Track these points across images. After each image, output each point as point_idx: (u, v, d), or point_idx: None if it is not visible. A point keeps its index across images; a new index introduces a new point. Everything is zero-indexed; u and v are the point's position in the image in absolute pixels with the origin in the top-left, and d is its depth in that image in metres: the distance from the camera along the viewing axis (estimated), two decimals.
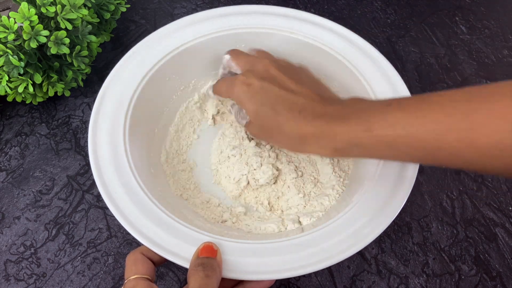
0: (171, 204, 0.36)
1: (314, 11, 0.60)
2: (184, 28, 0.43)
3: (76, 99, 0.51)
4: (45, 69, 0.46)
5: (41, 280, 0.39)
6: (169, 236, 0.31)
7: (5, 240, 0.41)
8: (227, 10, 0.44)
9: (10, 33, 0.41)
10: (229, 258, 0.30)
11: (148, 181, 0.35)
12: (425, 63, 0.55)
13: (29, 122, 0.49)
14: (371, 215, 0.32)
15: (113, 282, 0.39)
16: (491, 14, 0.61)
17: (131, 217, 0.31)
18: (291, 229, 0.36)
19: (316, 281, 0.40)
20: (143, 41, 0.42)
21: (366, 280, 0.40)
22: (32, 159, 0.46)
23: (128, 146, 0.36)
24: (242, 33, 0.43)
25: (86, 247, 0.41)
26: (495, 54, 0.56)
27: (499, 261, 0.41)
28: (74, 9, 0.43)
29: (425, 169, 0.46)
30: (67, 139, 0.48)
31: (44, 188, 0.44)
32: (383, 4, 0.61)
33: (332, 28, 0.43)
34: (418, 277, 0.40)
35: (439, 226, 0.43)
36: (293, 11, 0.44)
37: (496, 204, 0.44)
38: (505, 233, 0.43)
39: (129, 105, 0.38)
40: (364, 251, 0.41)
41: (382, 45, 0.57)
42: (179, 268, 0.40)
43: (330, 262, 0.30)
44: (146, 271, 0.29)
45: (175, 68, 0.42)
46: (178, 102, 0.44)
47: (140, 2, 0.60)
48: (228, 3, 0.61)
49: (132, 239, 0.41)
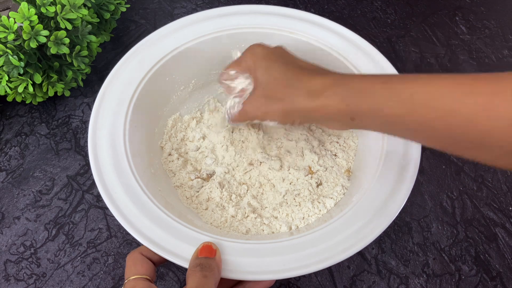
0: (171, 204, 0.36)
1: (314, 11, 0.60)
2: (184, 28, 0.43)
3: (76, 99, 0.51)
4: (45, 69, 0.46)
5: (41, 280, 0.39)
6: (169, 236, 0.31)
7: (5, 240, 0.41)
8: (227, 10, 0.44)
9: (10, 33, 0.41)
10: (229, 258, 0.30)
11: (148, 181, 0.35)
12: (425, 63, 0.55)
13: (29, 122, 0.49)
14: (371, 215, 0.32)
15: (113, 282, 0.39)
16: (491, 14, 0.61)
17: (131, 217, 0.31)
18: (291, 229, 0.36)
19: (316, 281, 0.40)
20: (143, 41, 0.42)
21: (366, 280, 0.40)
22: (32, 159, 0.46)
23: (128, 146, 0.36)
24: (242, 33, 0.43)
25: (86, 247, 0.41)
26: (495, 54, 0.56)
27: (499, 261, 0.41)
28: (74, 9, 0.43)
29: (425, 169, 0.46)
30: (67, 139, 0.48)
31: (44, 188, 0.44)
32: (383, 4, 0.61)
33: (332, 28, 0.43)
34: (418, 277, 0.40)
35: (439, 226, 0.43)
36: (293, 11, 0.44)
37: (496, 204, 0.44)
38: (505, 233, 0.43)
39: (129, 105, 0.38)
40: (364, 251, 0.41)
41: (382, 45, 0.57)
42: (179, 268, 0.40)
43: (330, 262, 0.30)
44: (146, 271, 0.29)
45: (175, 68, 0.42)
46: (178, 102, 0.44)
47: (140, 2, 0.60)
48: (228, 3, 0.61)
49: (132, 239, 0.41)
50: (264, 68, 0.33)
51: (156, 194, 0.35)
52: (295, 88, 0.31)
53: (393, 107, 0.26)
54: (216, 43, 0.43)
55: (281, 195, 0.39)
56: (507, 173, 0.46)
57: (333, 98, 0.29)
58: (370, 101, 0.27)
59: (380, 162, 0.36)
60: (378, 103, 0.27)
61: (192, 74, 0.44)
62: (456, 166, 0.47)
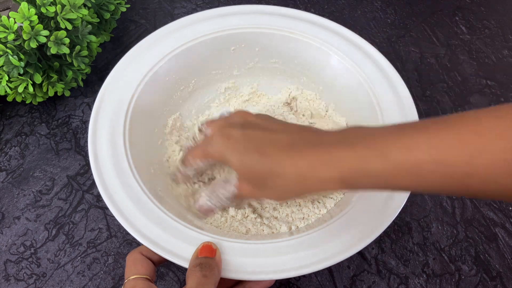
0: (171, 204, 0.36)
1: (314, 11, 0.60)
2: (184, 28, 0.43)
3: (76, 99, 0.51)
4: (45, 69, 0.46)
5: (41, 280, 0.39)
6: (169, 236, 0.31)
7: (5, 240, 0.41)
8: (227, 10, 0.44)
9: (10, 33, 0.41)
10: (229, 258, 0.30)
11: (148, 181, 0.35)
12: (425, 63, 0.55)
13: (29, 122, 0.49)
14: (371, 215, 0.32)
15: (113, 282, 0.39)
16: (491, 14, 0.61)
17: (131, 217, 0.31)
18: (291, 229, 0.36)
19: (316, 281, 0.40)
20: (143, 41, 0.42)
21: (366, 280, 0.40)
22: (32, 159, 0.46)
23: (128, 146, 0.36)
24: (242, 33, 0.43)
25: (86, 247, 0.41)
26: (495, 54, 0.56)
27: (499, 261, 0.41)
28: (74, 9, 0.43)
29: None
30: (67, 139, 0.48)
31: (44, 188, 0.44)
32: (383, 4, 0.61)
33: (332, 28, 0.43)
34: (418, 277, 0.40)
35: (439, 226, 0.43)
36: (293, 11, 0.44)
37: (496, 204, 0.44)
38: (505, 233, 0.43)
39: (129, 105, 0.38)
40: (364, 251, 0.41)
41: (382, 45, 0.57)
42: (179, 268, 0.40)
43: (330, 262, 0.30)
44: (146, 271, 0.29)
45: (175, 68, 0.42)
46: (178, 102, 0.44)
47: (140, 2, 0.60)
48: (228, 3, 0.61)
49: (132, 239, 0.41)
50: (238, 163, 0.29)
51: (156, 194, 0.35)
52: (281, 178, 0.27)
53: (400, 179, 0.23)
54: (216, 43, 0.43)
55: None
56: None
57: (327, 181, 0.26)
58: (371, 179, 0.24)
59: None
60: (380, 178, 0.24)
61: (192, 74, 0.44)
62: None
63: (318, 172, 0.26)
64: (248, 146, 0.29)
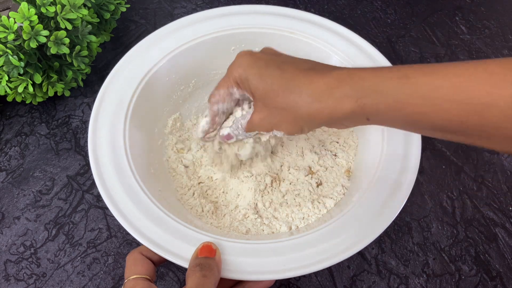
0: (171, 204, 0.36)
1: (314, 11, 0.60)
2: (184, 28, 0.43)
3: (76, 99, 0.51)
4: (45, 69, 0.46)
5: (41, 280, 0.39)
6: (169, 236, 0.31)
7: (5, 240, 0.41)
8: (227, 10, 0.44)
9: (10, 33, 0.41)
10: (229, 258, 0.30)
11: (148, 181, 0.35)
12: (425, 63, 0.55)
13: (29, 122, 0.49)
14: (371, 215, 0.32)
15: (113, 282, 0.39)
16: (491, 14, 0.61)
17: (131, 217, 0.31)
18: (291, 229, 0.36)
19: (316, 281, 0.40)
20: (143, 41, 0.42)
21: (366, 280, 0.40)
22: (32, 159, 0.46)
23: (128, 146, 0.36)
24: (242, 33, 0.43)
25: (86, 247, 0.41)
26: (495, 54, 0.56)
27: (499, 261, 0.41)
28: (74, 9, 0.43)
29: (425, 169, 0.46)
30: (67, 139, 0.48)
31: (44, 188, 0.44)
32: (383, 4, 0.61)
33: (332, 28, 0.43)
34: (418, 277, 0.40)
35: (439, 226, 0.43)
36: (293, 11, 0.44)
37: (496, 204, 0.44)
38: (505, 233, 0.43)
39: (129, 105, 0.38)
40: (364, 251, 0.41)
41: (382, 45, 0.57)
42: (179, 268, 0.40)
43: (330, 262, 0.30)
44: (146, 271, 0.29)
45: (175, 68, 0.42)
46: (178, 102, 0.44)
47: (140, 2, 0.60)
48: (228, 3, 0.61)
49: (132, 239, 0.41)
50: (257, 77, 0.30)
51: (156, 194, 0.35)
52: (296, 93, 0.28)
53: (416, 104, 0.23)
54: (216, 43, 0.43)
55: (281, 195, 0.39)
56: (507, 173, 0.46)
57: (343, 100, 0.26)
58: (389, 100, 0.24)
59: (380, 162, 0.36)
60: (398, 102, 0.24)
61: (192, 74, 0.44)
62: (456, 166, 0.47)
63: (335, 89, 0.26)
64: (270, 63, 0.30)
